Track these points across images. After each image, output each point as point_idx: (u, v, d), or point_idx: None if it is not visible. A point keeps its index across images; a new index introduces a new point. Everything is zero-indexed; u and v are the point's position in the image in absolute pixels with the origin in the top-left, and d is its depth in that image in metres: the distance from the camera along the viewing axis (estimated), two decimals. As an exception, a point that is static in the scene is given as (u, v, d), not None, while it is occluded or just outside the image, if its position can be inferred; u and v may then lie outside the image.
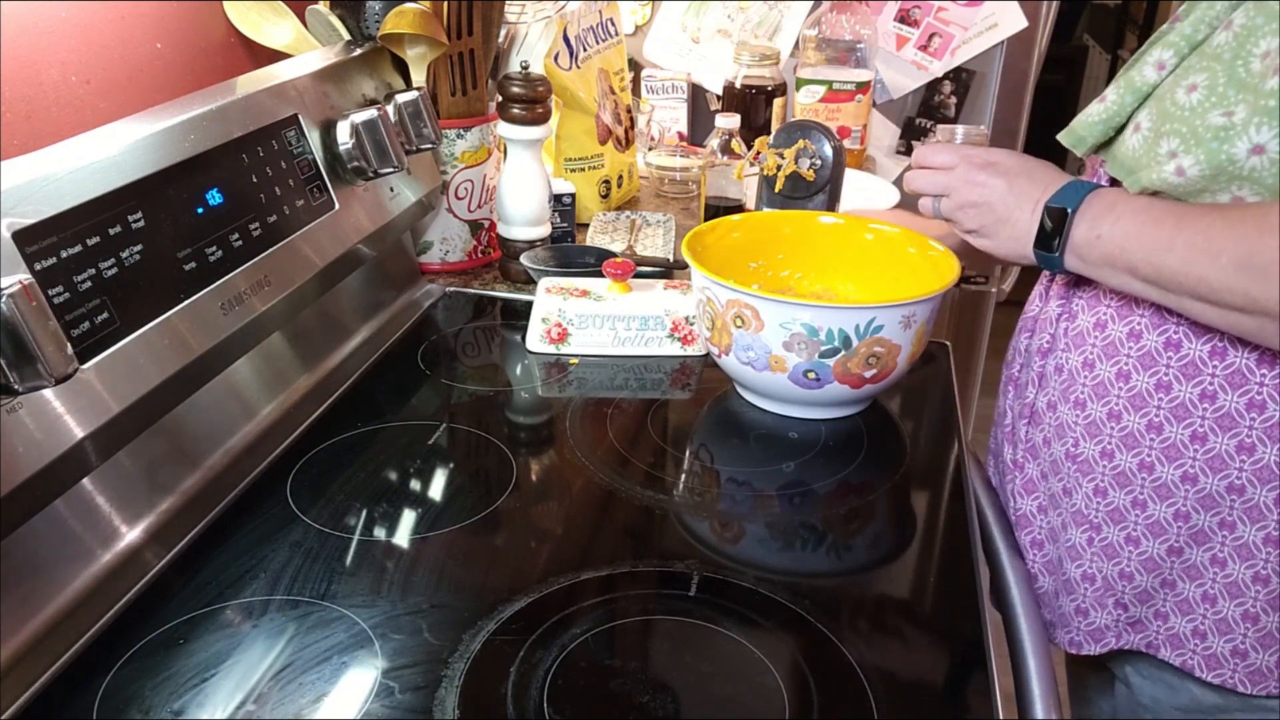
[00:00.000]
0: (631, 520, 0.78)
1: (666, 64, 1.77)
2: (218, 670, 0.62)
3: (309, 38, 1.13)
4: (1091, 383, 0.76)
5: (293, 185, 0.90)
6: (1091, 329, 0.76)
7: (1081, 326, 0.77)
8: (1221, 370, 0.69)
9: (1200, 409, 0.70)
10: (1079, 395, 0.77)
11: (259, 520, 0.76)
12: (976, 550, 0.77)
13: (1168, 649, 0.76)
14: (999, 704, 0.62)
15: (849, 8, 1.53)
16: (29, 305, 0.59)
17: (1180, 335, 0.70)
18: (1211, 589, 0.73)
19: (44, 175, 0.66)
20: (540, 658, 0.63)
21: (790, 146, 1.08)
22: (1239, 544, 0.71)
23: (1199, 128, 0.66)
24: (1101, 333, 0.75)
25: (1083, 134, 0.75)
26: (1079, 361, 0.77)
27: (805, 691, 0.62)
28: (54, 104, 0.88)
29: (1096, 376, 0.76)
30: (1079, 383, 0.77)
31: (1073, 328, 0.78)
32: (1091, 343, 0.76)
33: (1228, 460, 0.70)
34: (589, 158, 1.37)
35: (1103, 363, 0.75)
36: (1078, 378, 0.77)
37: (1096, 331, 0.76)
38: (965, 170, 0.80)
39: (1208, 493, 0.71)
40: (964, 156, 0.81)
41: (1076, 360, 0.77)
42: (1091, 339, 0.76)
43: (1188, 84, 0.67)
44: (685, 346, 1.03)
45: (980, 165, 0.80)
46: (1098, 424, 0.76)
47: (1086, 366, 0.76)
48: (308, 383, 0.95)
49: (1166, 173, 0.67)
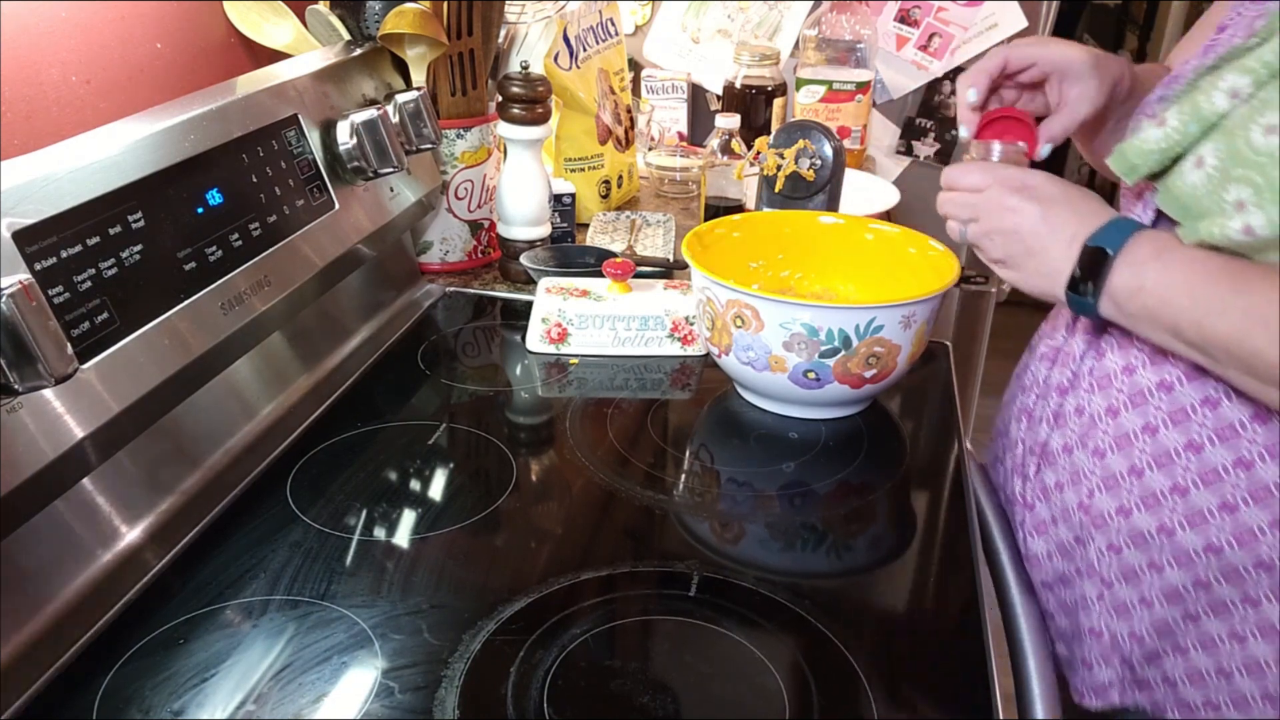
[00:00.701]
0: (631, 520, 0.78)
1: (666, 64, 1.77)
2: (218, 670, 0.62)
3: (309, 38, 1.13)
4: (1114, 432, 0.71)
5: (293, 185, 0.90)
6: (1119, 372, 0.71)
7: (1109, 368, 0.72)
8: (1262, 437, 0.63)
9: (1234, 477, 0.64)
10: (1098, 443, 0.72)
11: (259, 520, 0.76)
12: (976, 550, 0.77)
13: (1175, 713, 0.71)
14: (999, 704, 0.62)
15: (849, 8, 1.53)
16: (29, 305, 0.59)
17: (1220, 394, 0.65)
18: (1228, 664, 0.68)
19: (44, 175, 0.66)
20: (540, 658, 0.63)
21: (790, 146, 1.08)
22: (1263, 622, 0.66)
23: (1278, 180, 0.58)
24: (1130, 378, 0.70)
25: (1135, 162, 0.67)
26: (1102, 406, 0.72)
27: (805, 691, 0.62)
28: (54, 104, 0.88)
29: (1120, 426, 0.70)
30: (1099, 429, 0.72)
31: (1099, 368, 0.73)
32: (1118, 387, 0.71)
33: (1259, 535, 0.64)
34: (589, 158, 1.37)
35: (1128, 411, 0.70)
36: (1099, 424, 0.72)
37: (1125, 376, 0.70)
38: (997, 193, 0.73)
39: (1233, 565, 0.66)
40: (997, 178, 0.73)
41: (1099, 404, 0.72)
42: (1118, 383, 0.71)
43: (1266, 123, 0.59)
44: (685, 346, 1.03)
45: (1014, 188, 0.72)
46: (1117, 477, 0.71)
47: (1110, 413, 0.71)
48: (308, 383, 0.95)
49: (1232, 229, 0.60)
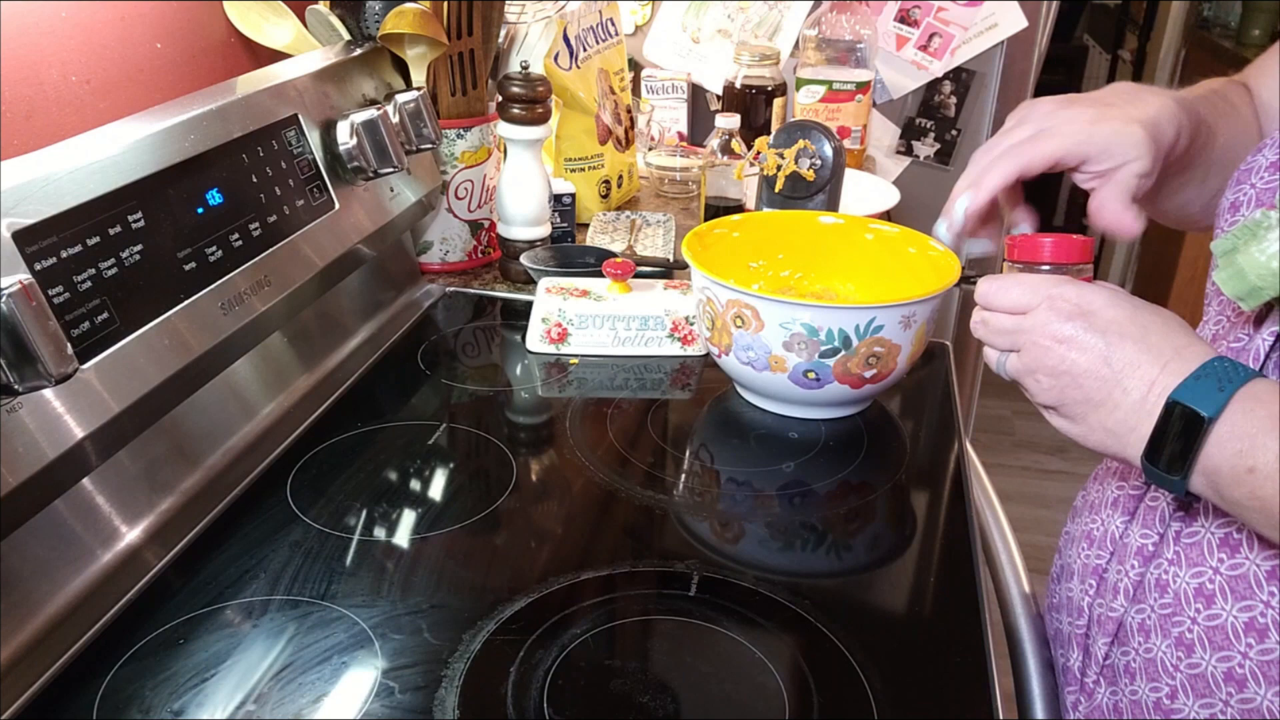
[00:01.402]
0: (631, 520, 0.78)
1: (666, 64, 1.77)
2: (218, 670, 0.62)
3: (309, 38, 1.13)
4: (1204, 622, 0.56)
5: (293, 185, 0.90)
6: (1216, 545, 0.56)
7: (1201, 536, 0.57)
8: None
9: None
10: (1184, 633, 0.57)
11: (259, 520, 0.76)
12: (976, 551, 0.77)
13: None
14: (999, 704, 0.62)
15: (849, 8, 1.53)
16: (29, 305, 0.59)
17: None
18: None
19: (44, 175, 0.66)
20: (540, 658, 0.63)
21: (790, 146, 1.08)
22: None
23: None
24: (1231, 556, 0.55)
25: (1259, 284, 0.52)
26: (1191, 586, 0.57)
27: (805, 691, 0.62)
28: (54, 104, 0.88)
29: (1214, 616, 0.56)
30: (1187, 615, 0.57)
31: (1187, 531, 0.57)
32: (1213, 565, 0.56)
33: None
34: (589, 158, 1.37)
35: (1224, 600, 0.55)
36: (1187, 607, 0.57)
37: (1222, 551, 0.56)
38: (1046, 317, 0.56)
39: None
40: (1046, 297, 0.57)
41: (1188, 583, 0.57)
42: (1213, 560, 0.56)
43: None
44: (685, 346, 1.03)
45: (1068, 313, 0.56)
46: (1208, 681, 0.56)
47: (1201, 596, 0.56)
48: (308, 383, 0.95)
49: None
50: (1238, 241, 0.53)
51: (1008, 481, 2.59)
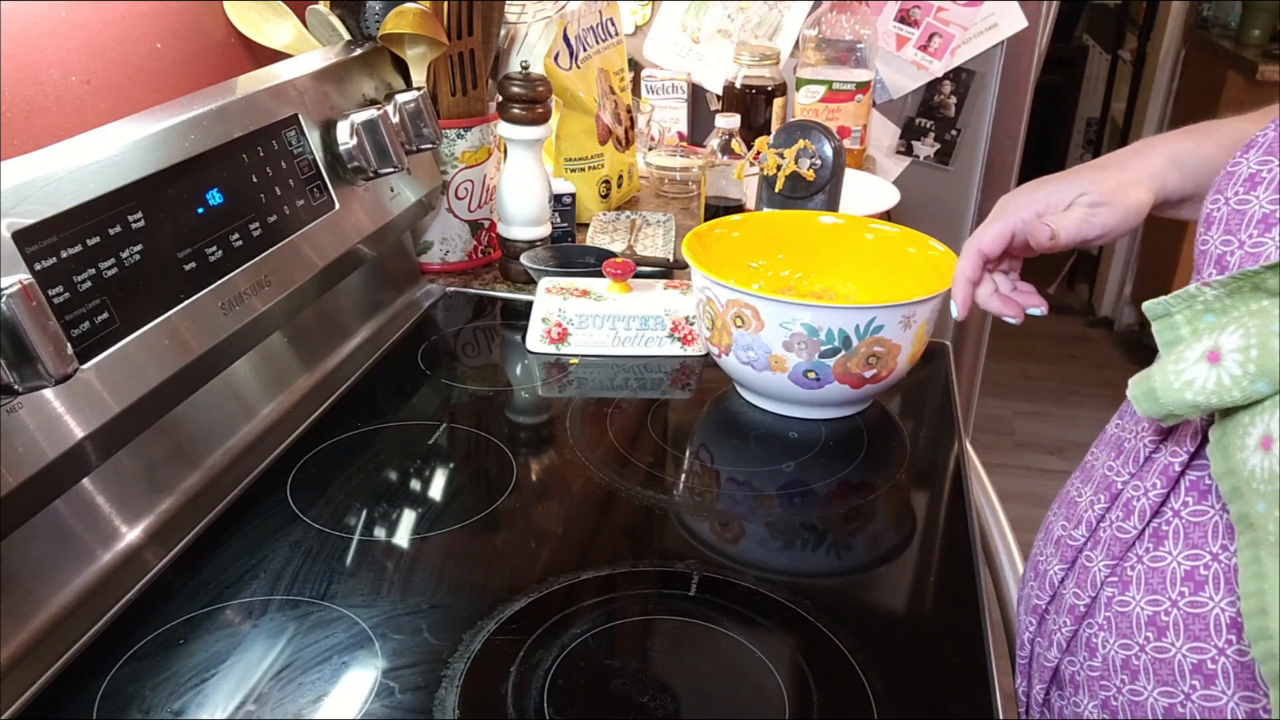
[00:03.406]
0: (631, 520, 0.78)
1: (666, 64, 1.77)
2: (218, 670, 0.62)
3: (309, 38, 1.13)
4: (1130, 697, 0.57)
5: (293, 185, 0.90)
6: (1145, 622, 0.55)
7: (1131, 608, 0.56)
8: None
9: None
10: (1110, 699, 0.59)
11: (259, 520, 0.76)
12: (976, 550, 0.77)
13: None
14: (999, 704, 0.62)
15: (849, 8, 1.53)
16: (29, 305, 0.59)
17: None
18: None
19: (44, 175, 0.66)
20: (540, 658, 0.63)
21: (790, 146, 1.08)
22: None
23: None
24: (1158, 638, 0.54)
25: (1169, 408, 0.48)
26: (1119, 658, 0.57)
27: (805, 691, 0.62)
28: (54, 104, 0.88)
29: (1137, 694, 0.56)
30: (1113, 684, 0.58)
31: (1119, 599, 0.57)
32: (1139, 642, 0.56)
33: None
34: (589, 158, 1.37)
35: (1147, 679, 0.56)
36: (1114, 676, 0.57)
37: (1149, 630, 0.55)
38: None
39: None
40: None
41: (1117, 652, 0.57)
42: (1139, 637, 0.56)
43: None
44: (685, 346, 1.03)
45: None
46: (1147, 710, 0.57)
47: (1127, 670, 0.57)
48: (308, 383, 0.95)
49: None
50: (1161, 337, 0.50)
51: (1008, 481, 2.59)
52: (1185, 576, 0.54)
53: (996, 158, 1.72)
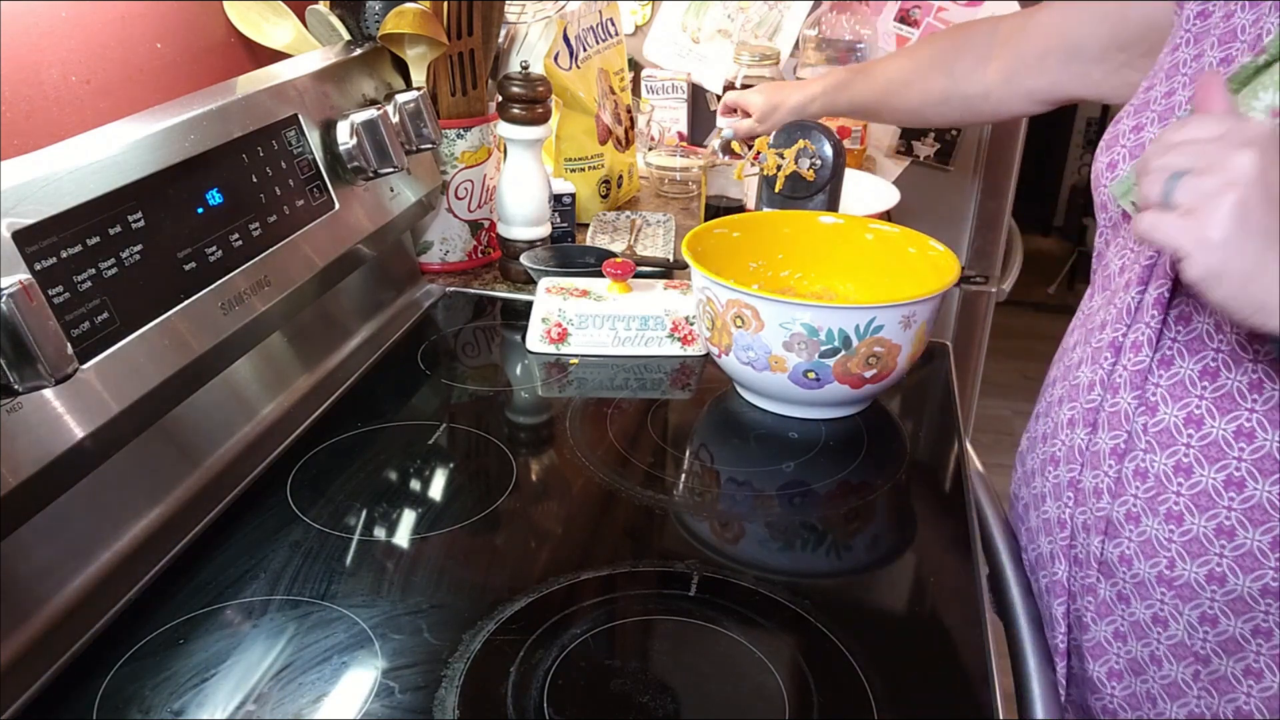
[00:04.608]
0: (631, 520, 0.78)
1: (666, 64, 1.77)
2: (218, 670, 0.62)
3: (309, 38, 1.13)
4: (1189, 491, 0.63)
5: (293, 185, 0.90)
6: (1182, 426, 0.63)
7: (1166, 422, 0.64)
8: None
9: None
10: (1171, 507, 0.64)
11: (259, 520, 0.76)
12: (976, 550, 0.77)
13: None
14: (999, 704, 0.62)
15: (849, 8, 1.53)
16: (29, 305, 0.59)
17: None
18: None
19: (44, 175, 0.66)
20: (540, 658, 0.63)
21: (790, 146, 1.08)
22: None
23: None
24: (1198, 430, 0.62)
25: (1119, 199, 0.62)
26: (1169, 465, 0.64)
27: (805, 691, 0.62)
28: (54, 104, 0.88)
29: (1195, 484, 0.62)
30: (1171, 490, 0.64)
31: (1153, 424, 0.64)
32: (1184, 442, 0.63)
33: None
34: (589, 158, 1.37)
35: (1202, 467, 0.62)
36: (1169, 484, 0.64)
37: (1190, 429, 0.62)
38: (1231, 143, 0.52)
39: None
40: (1234, 124, 0.54)
41: (1166, 464, 0.64)
42: (1183, 438, 0.63)
43: None
44: (685, 346, 1.03)
45: (1257, 134, 0.52)
46: (1201, 541, 0.63)
47: (1180, 471, 0.63)
48: (308, 383, 0.95)
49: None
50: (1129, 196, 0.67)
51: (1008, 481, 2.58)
52: (1201, 374, 0.62)
53: (996, 158, 1.72)
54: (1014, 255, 1.86)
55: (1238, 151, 0.51)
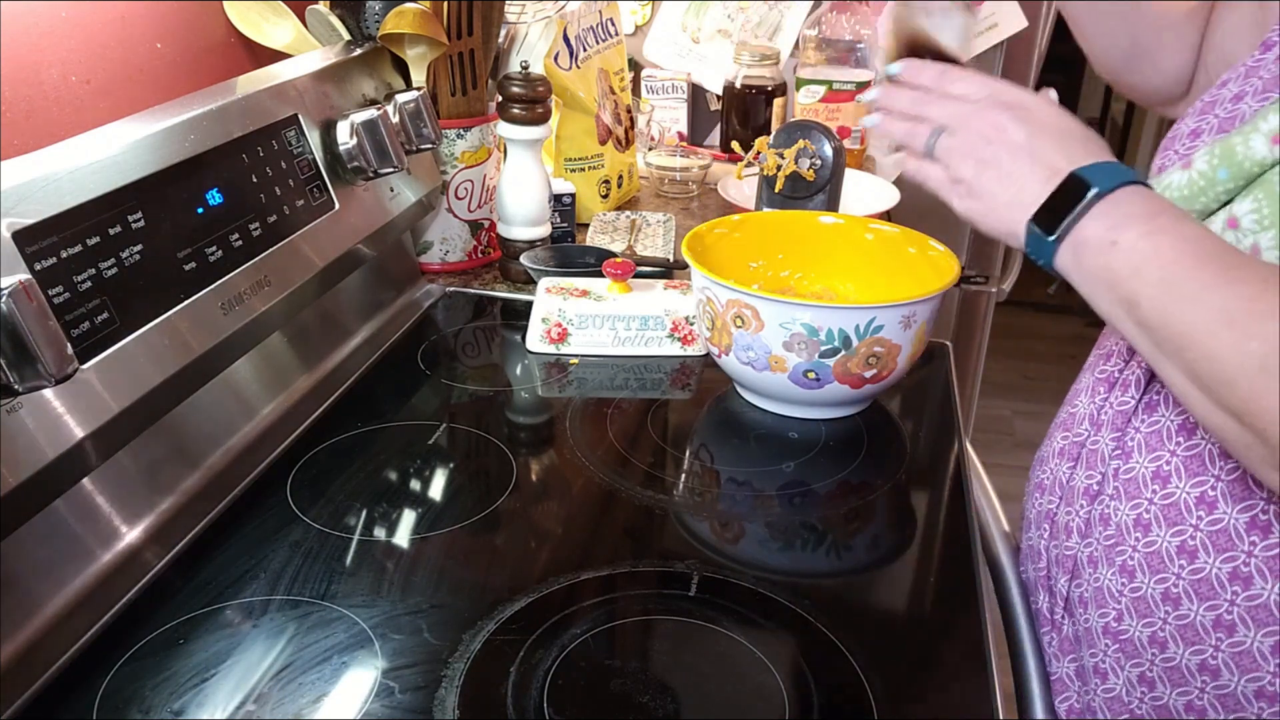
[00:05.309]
0: (631, 520, 0.78)
1: (666, 64, 1.77)
2: (218, 670, 0.62)
3: (309, 38, 1.13)
4: (1143, 549, 0.63)
5: (293, 185, 0.90)
6: (1149, 479, 0.62)
7: (1136, 472, 0.63)
8: None
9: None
10: (1126, 560, 0.64)
11: (259, 520, 0.76)
12: (976, 550, 0.77)
13: None
14: (999, 704, 0.62)
15: (849, 8, 1.53)
16: (29, 305, 0.59)
17: (1270, 517, 0.56)
18: None
19: (44, 175, 0.66)
20: (540, 658, 0.63)
21: (790, 146, 1.08)
22: None
23: None
24: (1162, 487, 0.62)
25: None
26: (1130, 517, 0.64)
27: (805, 691, 0.62)
28: (54, 104, 0.88)
29: (1151, 543, 0.62)
30: (1128, 543, 0.64)
31: (1124, 469, 0.64)
32: (1147, 497, 0.62)
33: None
34: (589, 158, 1.37)
35: (1159, 527, 0.61)
36: (1127, 537, 0.64)
37: (1155, 484, 0.62)
38: (987, 106, 0.63)
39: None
40: (994, 90, 0.63)
41: (1128, 515, 0.64)
42: (1147, 491, 0.62)
43: None
44: (685, 346, 1.03)
45: (1008, 104, 0.62)
46: (1148, 602, 0.62)
47: (1139, 526, 0.63)
48: (308, 383, 0.95)
49: None
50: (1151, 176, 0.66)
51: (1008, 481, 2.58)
52: (1179, 429, 0.62)
53: (996, 158, 1.71)
54: (1014, 255, 1.86)
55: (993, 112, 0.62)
